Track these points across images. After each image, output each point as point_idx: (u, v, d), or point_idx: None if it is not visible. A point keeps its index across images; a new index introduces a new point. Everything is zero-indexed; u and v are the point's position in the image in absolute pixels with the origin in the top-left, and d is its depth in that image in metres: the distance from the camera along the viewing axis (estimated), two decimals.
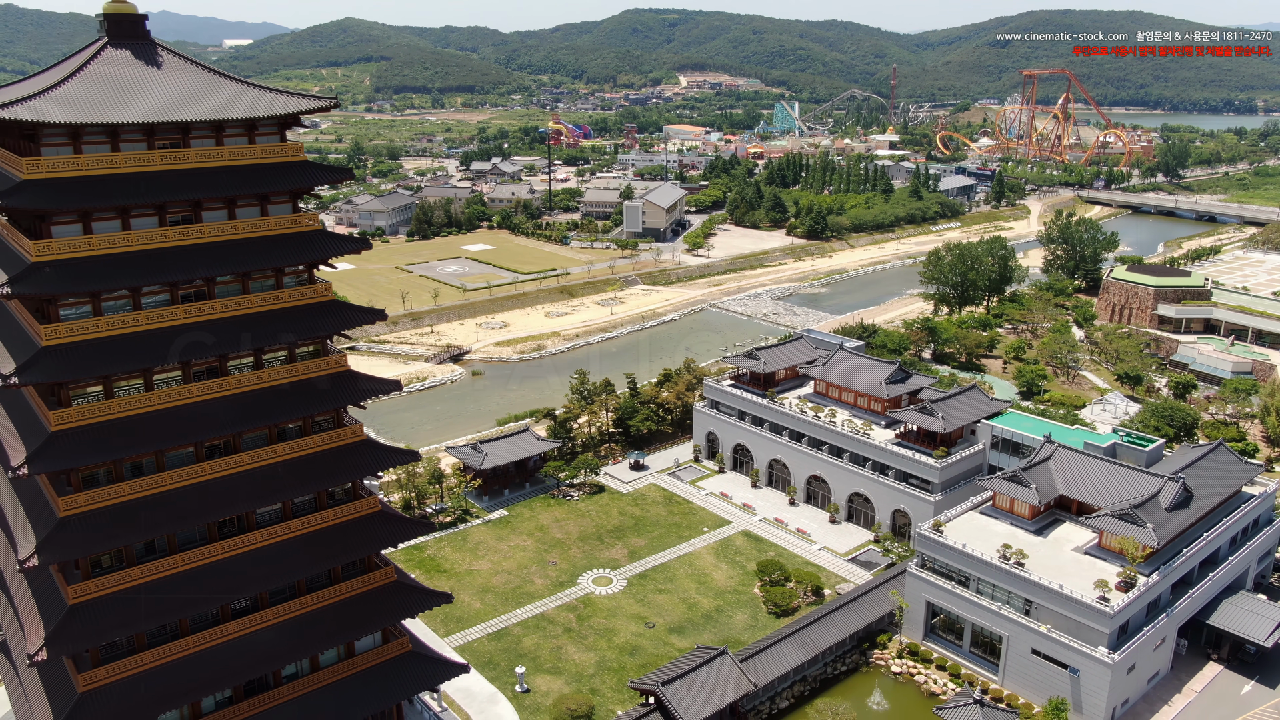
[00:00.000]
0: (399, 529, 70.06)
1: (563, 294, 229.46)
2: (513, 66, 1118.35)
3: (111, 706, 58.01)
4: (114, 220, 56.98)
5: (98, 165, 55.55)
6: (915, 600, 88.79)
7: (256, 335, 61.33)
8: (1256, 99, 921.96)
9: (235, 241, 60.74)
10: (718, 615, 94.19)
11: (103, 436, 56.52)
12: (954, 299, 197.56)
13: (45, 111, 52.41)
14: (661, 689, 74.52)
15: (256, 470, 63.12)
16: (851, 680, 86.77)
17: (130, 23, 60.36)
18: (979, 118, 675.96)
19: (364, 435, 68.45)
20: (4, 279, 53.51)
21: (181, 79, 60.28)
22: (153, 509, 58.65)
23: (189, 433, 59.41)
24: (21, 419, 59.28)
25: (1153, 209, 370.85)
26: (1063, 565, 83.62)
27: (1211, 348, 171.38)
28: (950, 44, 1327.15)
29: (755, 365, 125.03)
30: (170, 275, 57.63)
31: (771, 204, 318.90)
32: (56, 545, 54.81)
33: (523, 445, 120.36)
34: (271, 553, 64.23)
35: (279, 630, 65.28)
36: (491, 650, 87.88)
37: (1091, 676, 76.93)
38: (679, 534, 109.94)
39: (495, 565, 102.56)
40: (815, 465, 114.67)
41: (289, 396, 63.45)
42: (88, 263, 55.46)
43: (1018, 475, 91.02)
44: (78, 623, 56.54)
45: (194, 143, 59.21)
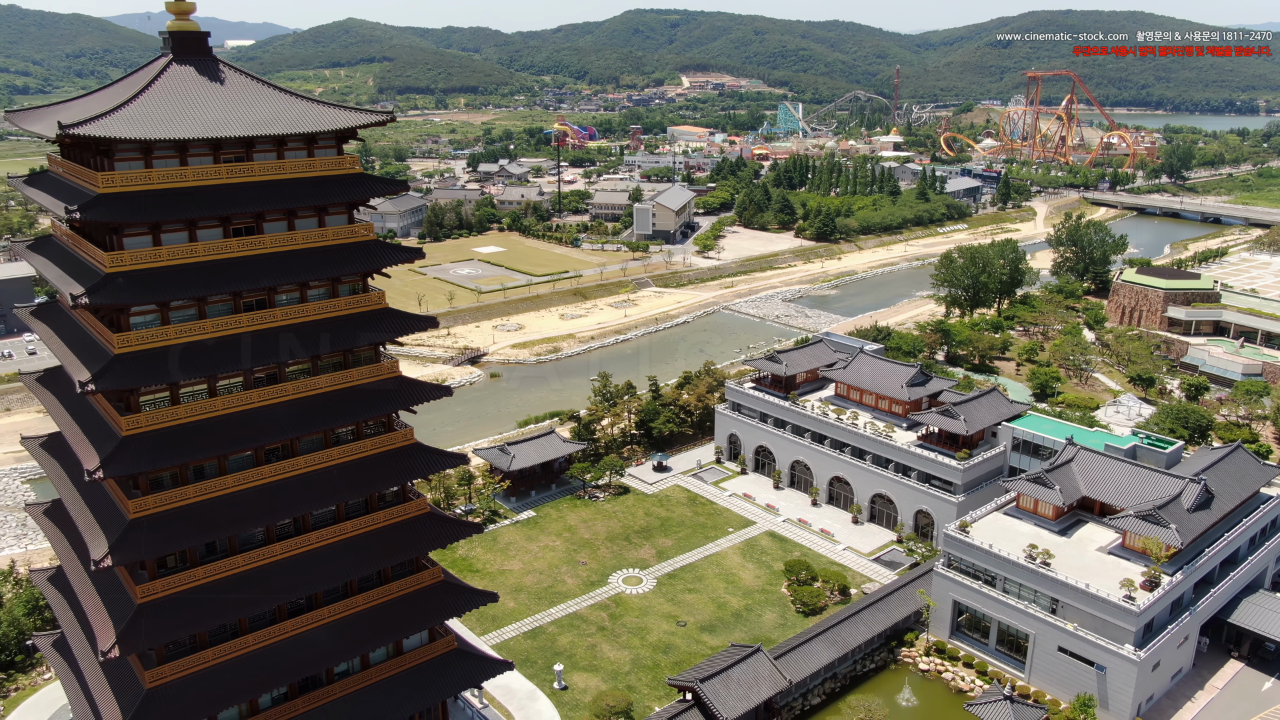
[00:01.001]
0: (447, 530, 71.98)
1: (576, 296, 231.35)
2: (515, 67, 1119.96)
3: (177, 702, 59.92)
4: (182, 232, 58.89)
5: (168, 179, 57.49)
6: (942, 599, 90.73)
7: (315, 342, 63.19)
8: (1258, 99, 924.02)
9: (295, 252, 62.67)
10: (747, 614, 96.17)
11: (171, 441, 58.39)
12: (965, 301, 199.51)
13: (120, 128, 54.31)
14: (700, 685, 76.44)
15: (313, 473, 65.03)
16: (880, 677, 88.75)
17: (194, 39, 62.24)
18: (982, 119, 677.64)
19: (414, 439, 70.36)
20: (78, 288, 55.27)
21: (243, 94, 62.19)
22: (217, 511, 60.54)
23: (251, 437, 61.33)
24: (90, 425, 61.17)
25: (1158, 210, 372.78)
26: (1087, 565, 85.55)
27: (1221, 350, 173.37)
28: (952, 44, 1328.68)
29: (776, 368, 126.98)
30: (235, 285, 59.54)
31: (780, 206, 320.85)
32: (128, 546, 56.65)
33: (549, 447, 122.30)
34: (327, 553, 66.12)
35: (333, 629, 67.21)
36: (528, 648, 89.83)
37: (1118, 673, 78.88)
38: (705, 534, 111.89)
39: (526, 565, 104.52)
40: (838, 467, 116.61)
41: (344, 402, 65.35)
42: (158, 273, 57.36)
43: (1042, 477, 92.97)
44: (146, 621, 58.37)
45: (257, 156, 61.15)
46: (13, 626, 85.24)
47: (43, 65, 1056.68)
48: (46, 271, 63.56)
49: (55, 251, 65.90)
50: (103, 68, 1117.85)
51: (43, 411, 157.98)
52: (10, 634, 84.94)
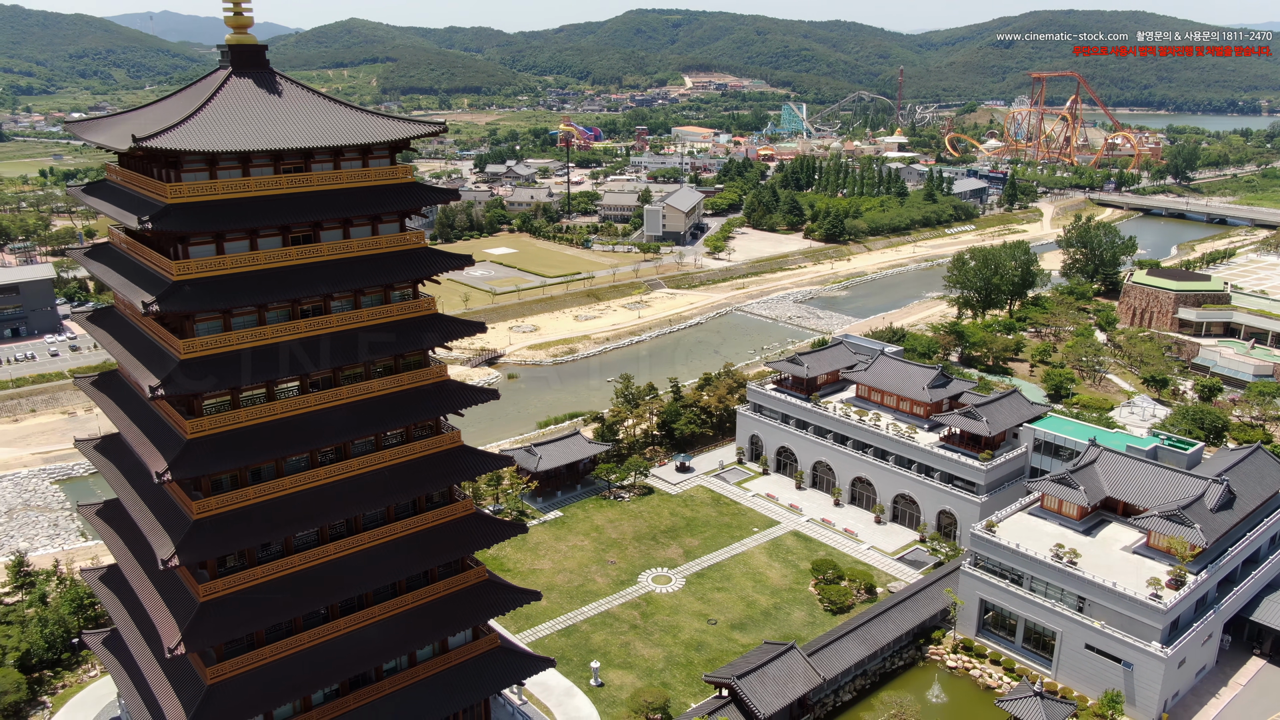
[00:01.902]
0: (493, 530, 73.66)
1: (589, 297, 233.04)
2: (518, 67, 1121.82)
3: (237, 698, 61.57)
4: (243, 240, 60.54)
5: (231, 190, 59.12)
6: (969, 597, 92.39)
7: (369, 348, 64.86)
8: (1260, 99, 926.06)
9: (351, 259, 64.32)
10: (776, 612, 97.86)
11: (233, 444, 60.05)
12: (978, 303, 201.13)
13: (191, 140, 55.96)
14: (737, 682, 78.14)
15: (366, 475, 66.70)
16: (909, 674, 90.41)
17: (252, 53, 63.82)
18: (985, 119, 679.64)
19: (460, 441, 72.05)
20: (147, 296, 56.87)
21: (301, 106, 63.85)
22: (276, 512, 62.19)
23: (309, 440, 62.98)
24: (152, 429, 62.82)
25: (1163, 211, 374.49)
26: (1112, 564, 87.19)
27: (1232, 351, 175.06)
28: (953, 44, 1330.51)
29: (798, 370, 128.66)
30: (295, 292, 61.22)
31: (788, 207, 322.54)
32: (193, 546, 58.29)
33: (574, 448, 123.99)
34: (378, 553, 67.76)
35: (383, 627, 68.85)
36: (562, 646, 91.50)
37: (1145, 670, 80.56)
38: (730, 534, 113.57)
39: (556, 564, 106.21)
40: (860, 467, 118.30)
41: (396, 405, 67.01)
42: (222, 281, 59.00)
43: (1066, 477, 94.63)
44: (209, 619, 60.07)
45: (315, 167, 62.81)
46: (59, 625, 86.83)
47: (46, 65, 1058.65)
48: (107, 278, 65.22)
49: (114, 258, 67.55)
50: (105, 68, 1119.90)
51: (68, 413, 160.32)
52: (57, 632, 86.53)
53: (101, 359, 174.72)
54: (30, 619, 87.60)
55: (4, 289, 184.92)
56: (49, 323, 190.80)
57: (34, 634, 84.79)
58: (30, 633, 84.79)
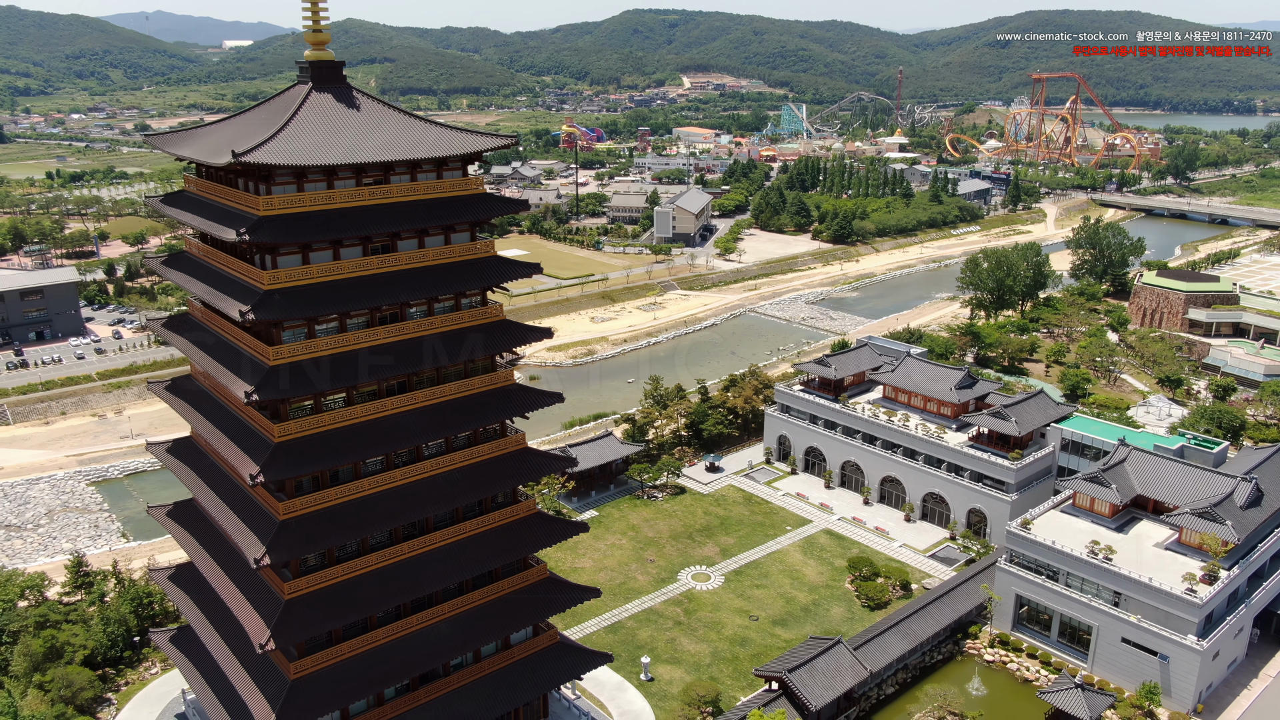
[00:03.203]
0: (555, 529, 76.11)
1: (604, 299, 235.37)
2: (515, 67, 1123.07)
3: (318, 693, 63.88)
4: (327, 250, 62.81)
5: (318, 202, 61.41)
6: (1005, 593, 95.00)
7: (442, 353, 67.20)
8: (1256, 99, 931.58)
9: (427, 268, 66.67)
10: (815, 608, 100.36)
11: (319, 446, 62.35)
12: (990, 304, 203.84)
13: (283, 155, 58.21)
14: (788, 675, 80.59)
15: (438, 476, 69.05)
16: (948, 668, 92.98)
17: (330, 69, 66.15)
18: (984, 119, 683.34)
19: (525, 443, 74.40)
20: (240, 305, 59.09)
21: (378, 120, 66.15)
22: (356, 512, 64.51)
23: (387, 442, 65.30)
24: (235, 432, 65.04)
25: (1165, 212, 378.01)
26: (1146, 560, 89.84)
27: (1243, 351, 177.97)
28: (950, 44, 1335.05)
29: (825, 371, 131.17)
30: (376, 300, 63.54)
31: (795, 209, 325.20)
32: (282, 546, 60.53)
33: (608, 449, 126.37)
34: (447, 552, 70.12)
35: (452, 623, 71.23)
36: (610, 643, 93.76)
37: (1181, 662, 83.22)
38: (764, 533, 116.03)
39: (597, 563, 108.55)
40: (890, 467, 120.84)
41: (468, 408, 69.36)
42: (310, 289, 61.30)
43: (1099, 476, 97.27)
44: (295, 616, 62.34)
45: (393, 179, 65.10)
46: (120, 624, 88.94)
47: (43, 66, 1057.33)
48: (190, 287, 67.44)
49: (193, 267, 69.77)
50: (102, 68, 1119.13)
51: (98, 415, 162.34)
52: (118, 631, 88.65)
53: (128, 361, 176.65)
54: (91, 618, 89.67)
55: (29, 292, 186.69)
56: (73, 325, 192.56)
57: (97, 632, 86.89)
58: (94, 631, 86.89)
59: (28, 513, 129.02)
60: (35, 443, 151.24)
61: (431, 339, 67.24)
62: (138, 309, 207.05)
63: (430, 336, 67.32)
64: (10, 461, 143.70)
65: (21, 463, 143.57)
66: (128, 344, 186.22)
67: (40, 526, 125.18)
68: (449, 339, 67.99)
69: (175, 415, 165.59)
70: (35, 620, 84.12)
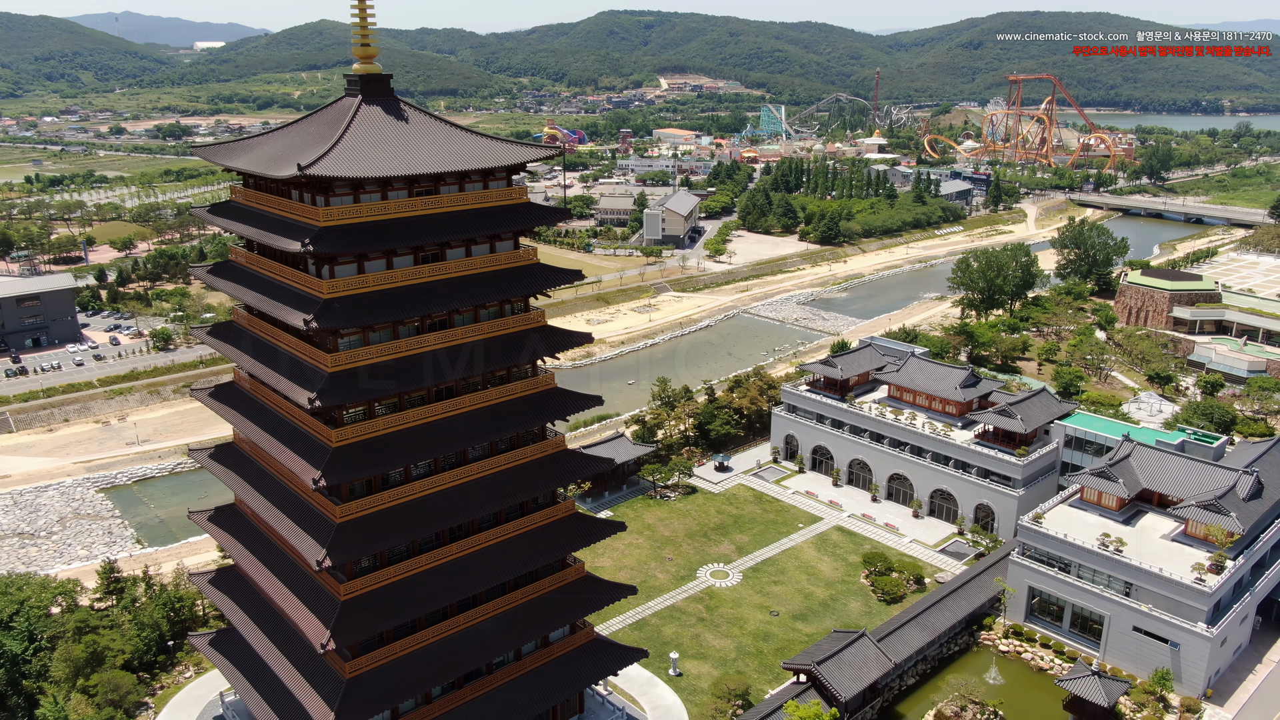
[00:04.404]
0: (593, 528, 78.06)
1: (599, 301, 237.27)
2: (492, 69, 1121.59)
3: (373, 691, 65.49)
4: (381, 259, 64.46)
5: (374, 212, 63.08)
6: (1019, 585, 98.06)
7: (490, 358, 69.02)
8: (1223, 99, 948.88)
9: (474, 275, 68.49)
10: (833, 603, 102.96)
11: (374, 450, 63.97)
12: (980, 303, 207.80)
13: (344, 167, 59.83)
14: (817, 668, 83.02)
15: (484, 478, 70.79)
16: (965, 659, 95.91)
17: (379, 82, 67.67)
18: (960, 120, 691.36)
19: (565, 445, 76.31)
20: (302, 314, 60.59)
21: (428, 131, 67.83)
22: (410, 514, 66.15)
23: (438, 445, 67.02)
24: (289, 438, 66.46)
25: (1142, 211, 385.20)
26: (1154, 551, 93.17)
27: (1226, 348, 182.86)
28: (923, 45, 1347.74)
29: (831, 372, 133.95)
30: (428, 307, 65.27)
31: (782, 210, 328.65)
32: (342, 548, 62.12)
33: (621, 450, 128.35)
34: (493, 552, 71.86)
35: (497, 622, 72.97)
36: (636, 639, 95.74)
37: (1191, 649, 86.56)
38: (777, 530, 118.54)
39: (616, 562, 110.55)
40: (897, 464, 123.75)
41: (512, 411, 71.18)
42: (366, 298, 62.93)
43: (1106, 471, 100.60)
44: (352, 617, 63.93)
45: (443, 189, 66.83)
46: (154, 629, 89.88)
47: (12, 68, 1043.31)
48: (240, 295, 68.81)
49: (241, 275, 71.09)
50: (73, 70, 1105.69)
51: (101, 421, 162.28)
52: (152, 636, 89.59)
53: (129, 368, 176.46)
54: (123, 623, 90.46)
55: (26, 298, 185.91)
56: (69, 332, 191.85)
57: (133, 637, 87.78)
58: (129, 636, 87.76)
59: (40, 520, 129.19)
60: (40, 450, 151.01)
61: (479, 344, 68.95)
62: (134, 315, 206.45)
63: (478, 342, 69.03)
64: (17, 469, 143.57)
65: (29, 470, 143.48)
66: (126, 350, 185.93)
67: (54, 534, 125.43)
68: (496, 344, 69.78)
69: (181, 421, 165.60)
70: (75, 626, 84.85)
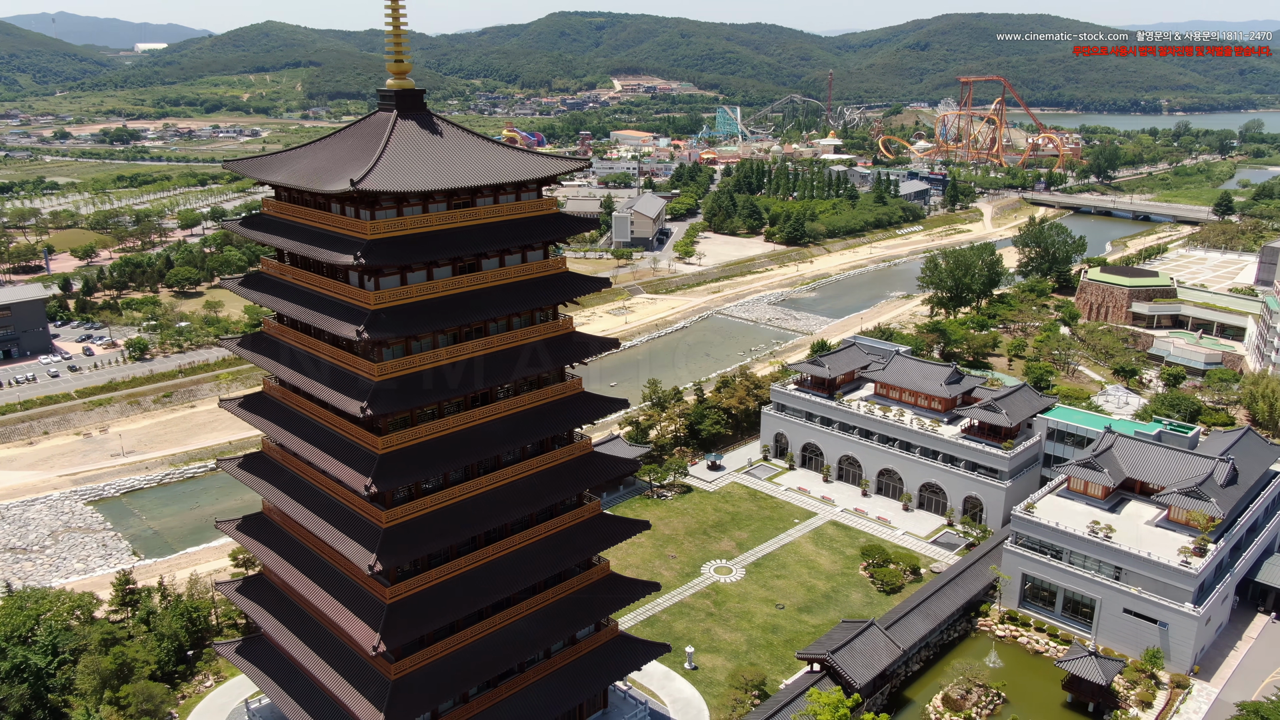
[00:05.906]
0: (619, 527, 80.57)
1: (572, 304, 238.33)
2: (443, 70, 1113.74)
3: (418, 691, 67.28)
4: (422, 270, 66.24)
5: (417, 225, 64.85)
6: (1013, 572, 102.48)
7: (523, 365, 71.13)
8: (1160, 99, 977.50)
9: (509, 284, 70.56)
10: (835, 595, 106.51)
11: (419, 456, 65.76)
12: (949, 301, 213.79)
13: (394, 181, 61.52)
14: (831, 657, 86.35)
15: (519, 482, 72.88)
16: (965, 644, 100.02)
17: (413, 97, 69.38)
18: (911, 120, 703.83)
19: (591, 448, 78.62)
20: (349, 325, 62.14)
21: (460, 145, 69.67)
22: (451, 518, 68.01)
23: (477, 450, 68.92)
24: (331, 446, 67.88)
25: (1092, 209, 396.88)
26: (1140, 537, 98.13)
27: (1184, 341, 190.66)
28: (870, 46, 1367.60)
29: (819, 371, 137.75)
30: (468, 316, 67.21)
31: (747, 212, 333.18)
32: (391, 552, 63.79)
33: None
34: (526, 554, 73.94)
35: (530, 621, 75.07)
36: (649, 635, 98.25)
37: (1179, 628, 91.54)
38: (774, 526, 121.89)
39: (621, 561, 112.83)
40: (886, 460, 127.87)
41: (543, 416, 73.34)
42: (410, 308, 64.67)
43: (1091, 461, 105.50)
44: (399, 619, 65.65)
45: (479, 201, 68.77)
46: (173, 639, 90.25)
47: None
48: (276, 306, 70.06)
49: (275, 287, 72.26)
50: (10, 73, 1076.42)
51: (82, 434, 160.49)
52: (171, 646, 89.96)
53: (106, 379, 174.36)
54: (142, 634, 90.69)
55: None
56: (41, 343, 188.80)
57: (153, 647, 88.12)
58: (150, 646, 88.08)
59: (30, 534, 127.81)
60: (23, 463, 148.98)
61: (514, 351, 71.05)
62: (106, 324, 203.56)
63: (513, 349, 71.12)
64: (1, 484, 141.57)
65: (13, 484, 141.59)
66: (101, 360, 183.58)
67: (47, 548, 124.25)
68: (529, 351, 71.90)
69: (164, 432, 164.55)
70: (101, 638, 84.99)
